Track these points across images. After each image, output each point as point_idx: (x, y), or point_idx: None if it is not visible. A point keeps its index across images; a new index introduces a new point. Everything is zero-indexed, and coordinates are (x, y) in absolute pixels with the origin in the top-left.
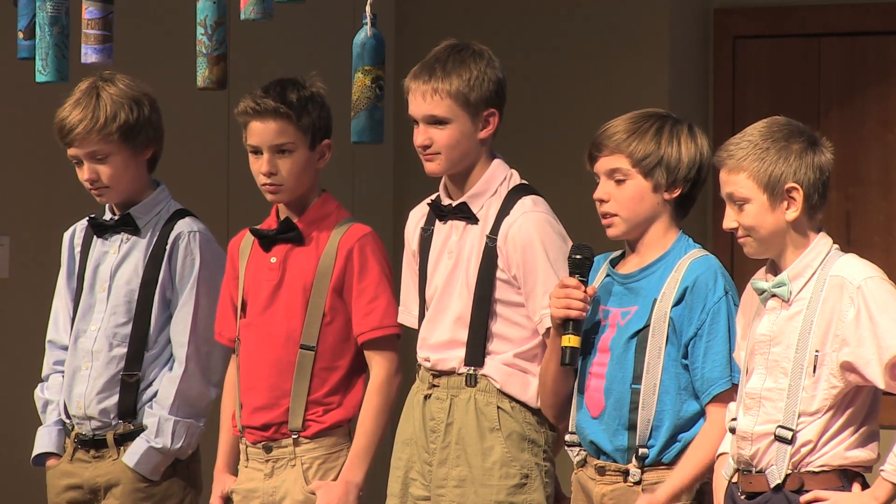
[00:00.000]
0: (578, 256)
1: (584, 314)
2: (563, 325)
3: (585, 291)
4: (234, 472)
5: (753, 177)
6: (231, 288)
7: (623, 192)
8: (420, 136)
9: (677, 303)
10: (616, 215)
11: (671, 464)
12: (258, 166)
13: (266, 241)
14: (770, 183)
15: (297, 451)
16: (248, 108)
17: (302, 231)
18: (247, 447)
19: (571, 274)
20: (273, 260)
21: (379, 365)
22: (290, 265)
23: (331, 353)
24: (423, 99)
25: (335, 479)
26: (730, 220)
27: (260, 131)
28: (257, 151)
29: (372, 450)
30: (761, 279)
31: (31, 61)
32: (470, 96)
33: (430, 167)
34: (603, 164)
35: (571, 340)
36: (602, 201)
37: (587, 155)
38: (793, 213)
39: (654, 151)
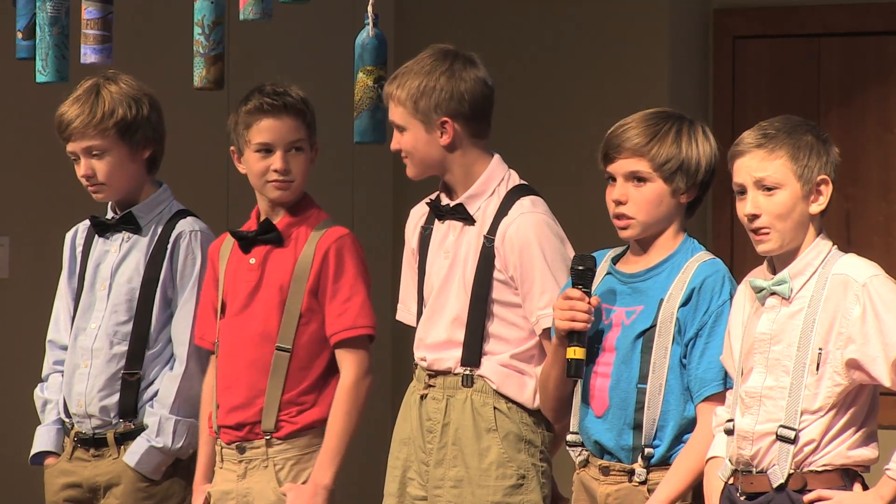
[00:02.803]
0: (581, 267)
1: (589, 326)
2: (568, 336)
3: (589, 303)
4: (211, 481)
5: (790, 162)
6: (212, 291)
7: (642, 195)
8: (392, 141)
9: (684, 303)
10: (633, 218)
11: None
12: (266, 164)
13: (245, 243)
14: (805, 172)
15: (270, 451)
16: (263, 105)
17: (282, 232)
18: (222, 448)
19: (574, 285)
20: (252, 261)
21: (350, 365)
22: (269, 266)
23: (306, 354)
24: (388, 104)
25: (307, 480)
26: (754, 206)
27: (275, 128)
28: (268, 150)
29: (341, 451)
30: (759, 277)
31: (32, 61)
32: (419, 104)
33: (406, 170)
34: (621, 165)
35: (577, 352)
36: (620, 203)
37: (602, 154)
38: (818, 206)
39: (675, 156)
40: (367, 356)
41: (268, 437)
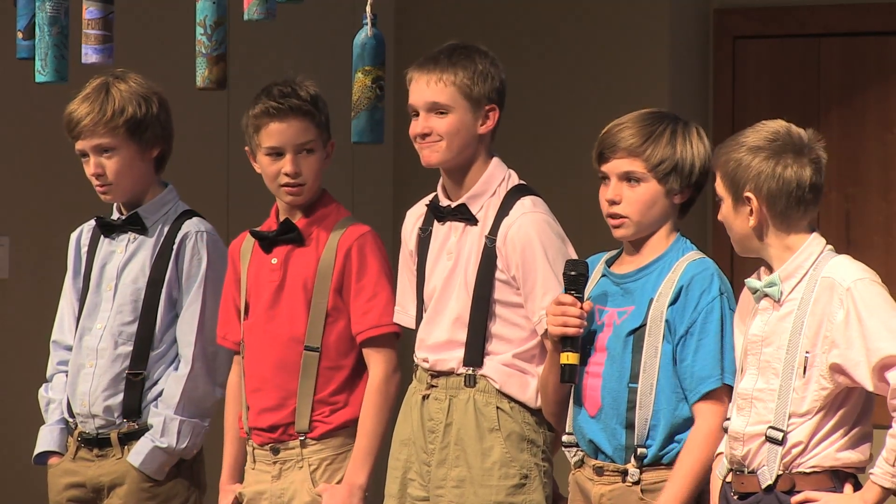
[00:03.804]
0: (573, 273)
1: (581, 331)
2: (562, 342)
3: (581, 308)
4: (239, 481)
5: (723, 177)
6: (233, 290)
7: (636, 195)
8: (420, 124)
9: (673, 302)
10: (627, 217)
11: (671, 464)
12: (278, 167)
13: (266, 243)
14: (732, 185)
15: (304, 452)
16: (269, 109)
17: (302, 231)
18: (254, 449)
19: (567, 290)
20: (274, 261)
21: (377, 364)
22: (291, 266)
23: (335, 353)
24: (427, 86)
25: (341, 479)
26: (720, 214)
27: (282, 131)
28: (278, 153)
29: (374, 450)
30: (755, 278)
31: (31, 61)
32: (473, 89)
33: (428, 156)
34: (616, 165)
35: (570, 358)
36: (614, 202)
37: (596, 154)
38: (752, 220)
39: (670, 157)
40: (394, 354)
41: (302, 438)
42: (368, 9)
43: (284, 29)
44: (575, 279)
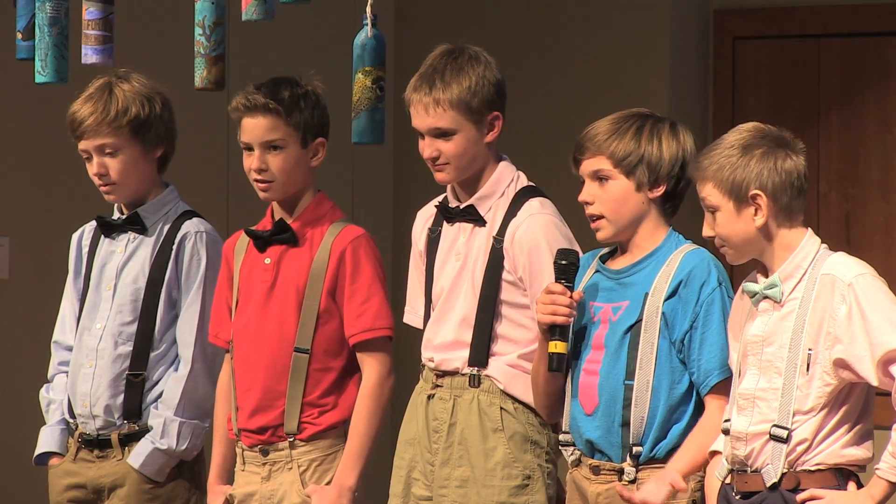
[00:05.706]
0: (564, 262)
1: (571, 320)
2: (550, 330)
3: (571, 297)
4: (228, 482)
5: (718, 185)
6: (225, 289)
7: (607, 193)
8: (427, 148)
9: (670, 296)
10: (602, 217)
11: (664, 459)
12: (249, 163)
13: (261, 242)
14: (733, 189)
15: (294, 453)
16: (239, 105)
17: (296, 232)
18: (243, 451)
19: (557, 279)
20: (267, 261)
21: (371, 367)
22: (284, 266)
23: (325, 355)
24: (426, 112)
25: (331, 481)
26: (708, 229)
27: (251, 128)
28: (249, 148)
29: (365, 453)
30: (752, 281)
31: (32, 62)
32: (472, 103)
33: (441, 177)
34: (586, 166)
35: (558, 346)
36: (587, 203)
37: (571, 158)
38: (760, 218)
39: (634, 150)
40: (387, 357)
41: (291, 440)
42: (369, 9)
43: (284, 29)
44: (565, 268)
